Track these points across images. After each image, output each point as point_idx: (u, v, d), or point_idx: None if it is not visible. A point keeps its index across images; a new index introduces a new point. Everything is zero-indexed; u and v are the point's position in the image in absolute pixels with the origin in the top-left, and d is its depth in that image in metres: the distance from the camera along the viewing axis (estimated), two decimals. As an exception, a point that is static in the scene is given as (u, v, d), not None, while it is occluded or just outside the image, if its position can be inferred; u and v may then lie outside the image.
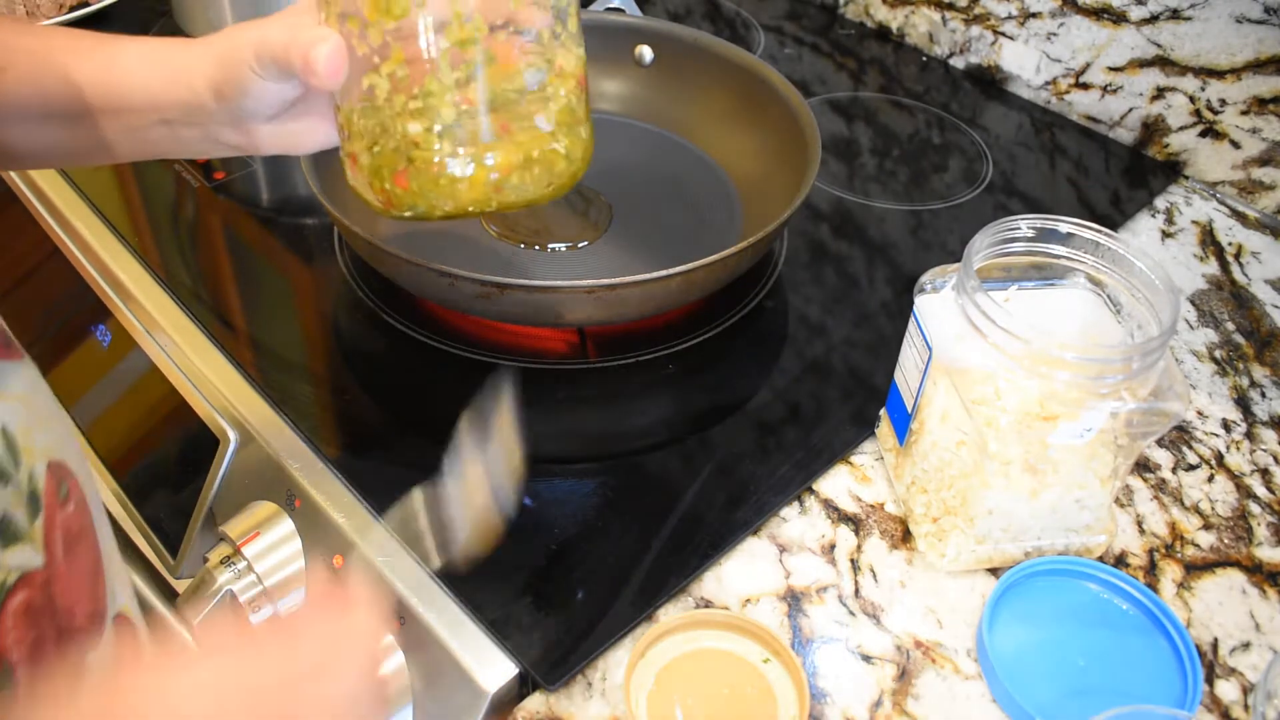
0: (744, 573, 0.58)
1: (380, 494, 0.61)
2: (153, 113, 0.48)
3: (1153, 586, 0.59)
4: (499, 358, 0.70)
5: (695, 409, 0.68)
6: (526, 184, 0.44)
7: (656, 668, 0.52)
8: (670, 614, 0.56)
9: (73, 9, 1.04)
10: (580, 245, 0.77)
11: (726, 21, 1.12)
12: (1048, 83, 0.98)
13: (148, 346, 0.72)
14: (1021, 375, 0.51)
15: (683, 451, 0.65)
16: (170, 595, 0.76)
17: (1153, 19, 0.88)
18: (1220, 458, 0.66)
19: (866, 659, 0.55)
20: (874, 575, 0.59)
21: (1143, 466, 0.66)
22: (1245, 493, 0.64)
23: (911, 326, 0.58)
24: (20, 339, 0.40)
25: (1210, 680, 0.54)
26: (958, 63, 1.05)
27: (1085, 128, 0.97)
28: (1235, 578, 0.60)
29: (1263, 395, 0.71)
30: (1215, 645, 0.56)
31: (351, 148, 0.45)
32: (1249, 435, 0.68)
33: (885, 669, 0.54)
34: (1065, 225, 0.56)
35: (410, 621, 0.56)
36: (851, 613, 0.57)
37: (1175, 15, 0.87)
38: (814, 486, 0.63)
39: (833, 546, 0.60)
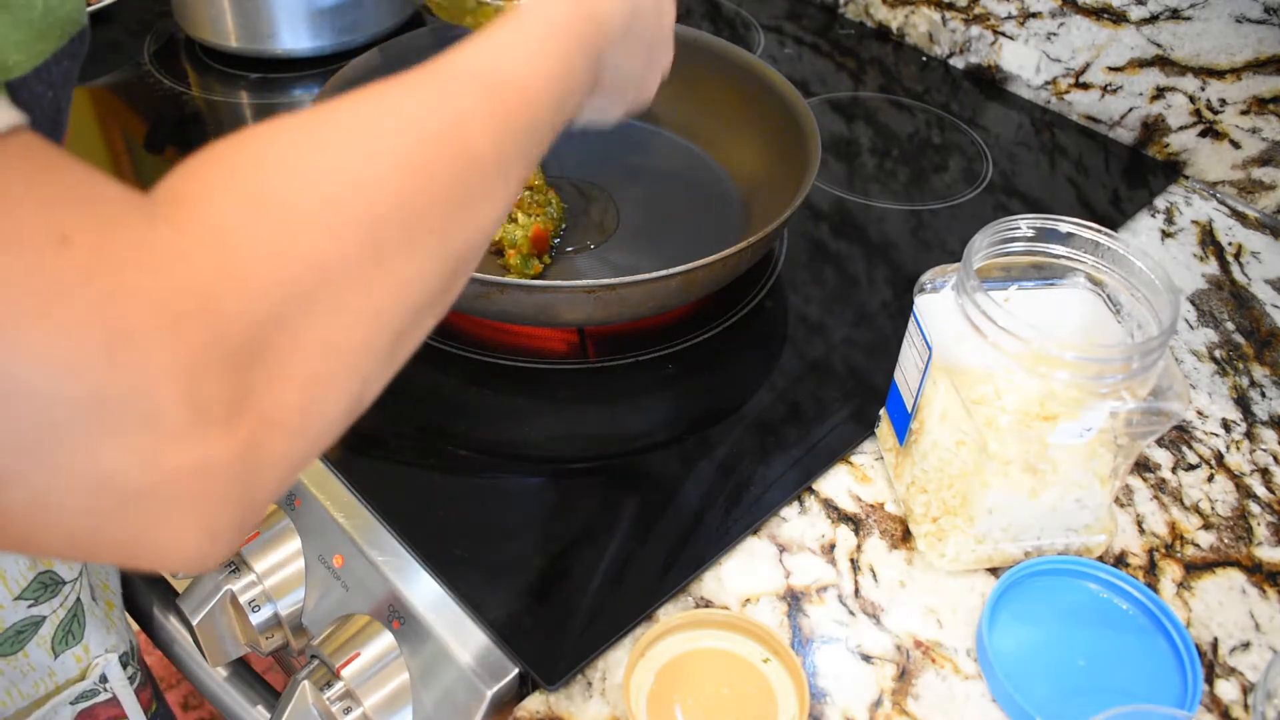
0: (744, 572, 0.58)
1: (380, 494, 0.61)
2: None
3: (1153, 586, 0.59)
4: (499, 358, 0.70)
5: (695, 409, 0.68)
6: None
7: (656, 667, 0.52)
8: (670, 614, 0.56)
9: (73, 9, 1.04)
10: (586, 247, 0.77)
11: (726, 21, 1.12)
12: (1048, 83, 0.98)
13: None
14: (1021, 375, 0.51)
15: (683, 451, 0.65)
16: (170, 595, 0.76)
17: (1153, 19, 0.88)
18: (1220, 458, 0.66)
19: (866, 659, 0.55)
20: (874, 575, 0.59)
21: (1143, 466, 0.66)
22: (1245, 492, 0.64)
23: (911, 326, 0.58)
24: None
25: (1210, 680, 0.54)
26: (958, 63, 1.05)
27: (1085, 128, 0.97)
28: (1235, 577, 0.60)
29: (1263, 395, 0.71)
30: (1215, 645, 0.56)
31: None
32: (1249, 435, 0.68)
33: (885, 669, 0.54)
34: (1065, 225, 0.56)
35: (410, 621, 0.56)
36: (851, 612, 0.57)
37: (1175, 15, 0.87)
38: (814, 486, 0.63)
39: (833, 546, 0.60)
